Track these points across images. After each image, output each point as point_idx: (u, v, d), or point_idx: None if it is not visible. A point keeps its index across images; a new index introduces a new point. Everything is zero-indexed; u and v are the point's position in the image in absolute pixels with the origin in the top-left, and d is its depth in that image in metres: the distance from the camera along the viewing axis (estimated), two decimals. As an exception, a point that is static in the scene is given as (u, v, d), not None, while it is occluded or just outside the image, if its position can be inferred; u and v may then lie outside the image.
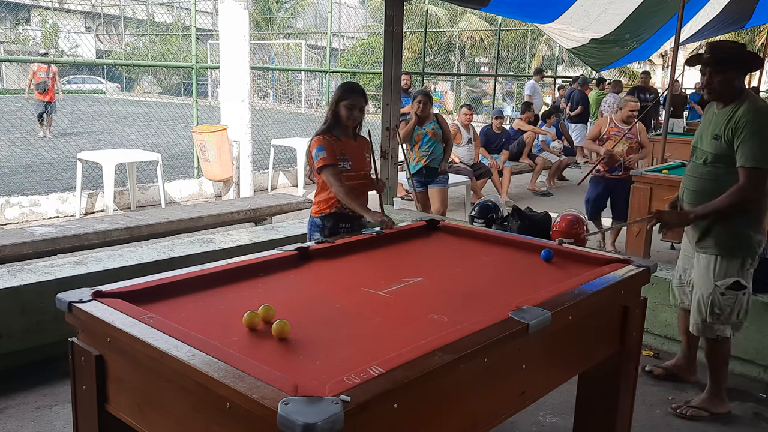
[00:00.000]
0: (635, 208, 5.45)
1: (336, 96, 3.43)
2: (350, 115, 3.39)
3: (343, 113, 3.39)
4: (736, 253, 3.01)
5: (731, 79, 2.97)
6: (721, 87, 2.98)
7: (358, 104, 3.39)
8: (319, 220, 3.48)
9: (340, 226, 3.44)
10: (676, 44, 6.61)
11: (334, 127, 3.45)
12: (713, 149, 3.00)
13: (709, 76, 2.98)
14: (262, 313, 1.95)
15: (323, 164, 3.34)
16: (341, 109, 3.40)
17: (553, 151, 10.01)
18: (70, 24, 24.75)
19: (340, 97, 3.40)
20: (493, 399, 1.94)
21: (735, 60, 2.98)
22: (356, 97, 3.39)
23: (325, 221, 3.46)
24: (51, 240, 4.62)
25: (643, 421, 3.10)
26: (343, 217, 3.44)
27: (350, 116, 3.39)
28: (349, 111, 3.38)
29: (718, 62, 2.95)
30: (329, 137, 3.42)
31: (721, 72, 2.95)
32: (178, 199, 8.47)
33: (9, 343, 3.37)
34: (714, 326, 3.09)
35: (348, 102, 3.38)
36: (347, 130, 3.47)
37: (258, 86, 19.19)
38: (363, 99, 3.42)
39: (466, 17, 24.43)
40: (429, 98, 5.95)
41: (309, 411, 1.35)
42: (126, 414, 1.89)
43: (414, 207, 5.98)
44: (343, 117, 3.40)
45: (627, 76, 22.35)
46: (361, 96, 3.41)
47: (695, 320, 3.15)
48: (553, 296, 2.17)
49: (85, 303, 1.98)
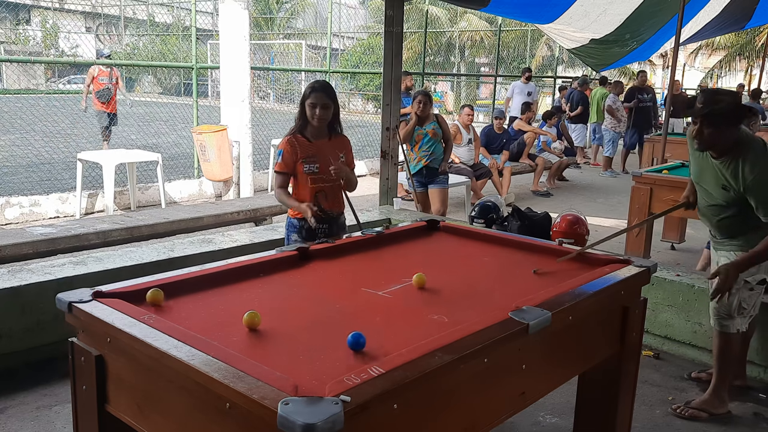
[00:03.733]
0: (635, 208, 5.45)
1: (302, 95, 3.39)
2: (313, 113, 3.33)
3: (307, 112, 3.35)
4: None
5: (722, 133, 2.89)
6: (711, 139, 2.91)
7: (320, 101, 3.30)
8: (296, 221, 3.46)
9: (318, 228, 3.36)
10: (677, 44, 6.61)
11: (305, 128, 3.41)
12: (724, 199, 3.02)
13: (699, 127, 2.91)
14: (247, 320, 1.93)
15: (276, 170, 3.43)
16: (306, 108, 3.35)
17: (553, 152, 10.01)
18: (70, 24, 24.73)
19: (304, 95, 3.36)
20: (493, 399, 1.94)
21: (727, 116, 2.88)
22: (316, 95, 3.31)
23: (302, 222, 3.40)
24: (51, 240, 4.62)
25: (643, 421, 3.11)
26: (319, 219, 3.31)
27: (313, 114, 3.33)
28: (312, 109, 3.33)
29: (709, 116, 2.87)
30: (296, 139, 3.38)
31: (712, 125, 2.87)
32: (178, 199, 8.47)
33: (9, 343, 3.37)
34: (735, 320, 3.11)
35: (310, 100, 3.32)
36: (318, 129, 3.41)
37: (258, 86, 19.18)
38: (325, 96, 3.32)
39: (466, 17, 24.43)
40: (429, 98, 5.95)
41: (309, 411, 1.35)
42: (126, 414, 1.89)
43: (414, 207, 5.98)
44: (308, 116, 3.36)
45: (627, 76, 22.36)
46: (322, 93, 3.32)
47: (716, 314, 3.16)
48: (553, 296, 2.17)
49: (85, 303, 1.98)
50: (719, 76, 24.66)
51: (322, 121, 3.37)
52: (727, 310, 3.11)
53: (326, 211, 3.40)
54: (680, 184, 5.15)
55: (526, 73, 11.84)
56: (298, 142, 3.37)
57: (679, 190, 5.08)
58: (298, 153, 3.35)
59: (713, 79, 24.21)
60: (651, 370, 3.70)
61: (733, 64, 23.92)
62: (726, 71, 24.57)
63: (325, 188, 3.42)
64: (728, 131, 2.89)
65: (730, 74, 24.44)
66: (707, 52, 25.30)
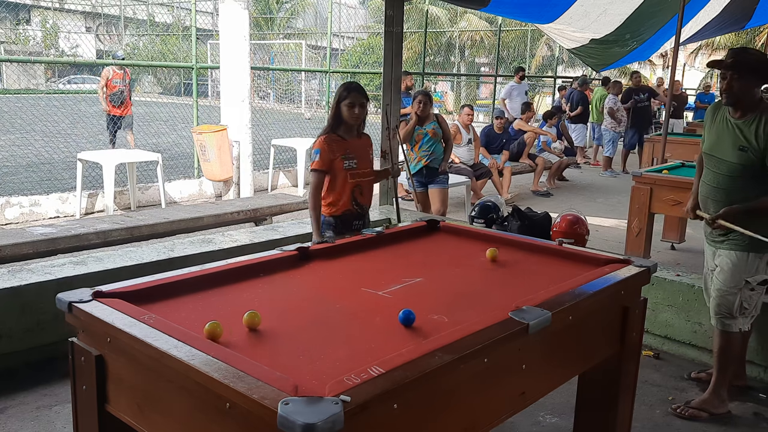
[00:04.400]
0: (635, 208, 5.46)
1: (336, 96, 3.50)
2: (351, 112, 3.45)
3: (345, 112, 3.46)
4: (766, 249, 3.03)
5: (750, 87, 2.98)
6: (740, 92, 2.99)
7: (358, 101, 3.44)
8: (332, 219, 3.58)
9: (354, 224, 3.57)
10: (676, 44, 6.61)
11: (338, 128, 3.51)
12: (740, 160, 3.02)
13: (729, 80, 2.99)
14: (247, 320, 1.93)
15: (313, 168, 3.48)
16: (342, 108, 3.46)
17: (553, 152, 10.02)
18: (70, 24, 24.74)
19: (341, 97, 3.47)
20: (493, 399, 1.94)
21: (757, 68, 2.99)
22: (355, 95, 3.44)
23: (338, 220, 3.56)
24: (51, 240, 4.62)
25: (643, 421, 3.11)
26: (352, 216, 3.55)
27: (351, 114, 3.45)
28: (350, 109, 3.44)
29: (740, 67, 2.97)
30: (333, 138, 3.49)
31: (742, 78, 2.97)
32: (178, 199, 8.47)
33: (9, 343, 3.37)
34: (738, 320, 3.11)
35: (348, 100, 3.44)
36: (351, 128, 3.54)
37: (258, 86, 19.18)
38: (362, 96, 3.47)
39: (466, 17, 24.44)
40: (429, 98, 5.95)
41: (309, 411, 1.35)
42: (126, 414, 1.89)
43: (414, 207, 5.98)
44: (345, 116, 3.46)
45: (627, 76, 22.35)
46: (359, 93, 3.46)
47: (717, 313, 3.16)
48: (553, 296, 2.17)
49: (85, 303, 1.98)
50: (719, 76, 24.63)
51: (359, 120, 3.52)
52: (729, 310, 3.12)
53: (362, 206, 3.60)
54: (680, 184, 5.17)
55: (520, 72, 11.82)
56: (334, 140, 3.49)
57: (679, 190, 5.12)
58: (336, 151, 3.46)
59: (713, 78, 24.19)
60: (651, 370, 3.70)
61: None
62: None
63: (361, 183, 3.56)
64: (756, 85, 3.00)
65: (730, 74, 24.41)
66: (707, 52, 25.29)
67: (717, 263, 3.19)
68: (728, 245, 3.12)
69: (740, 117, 3.04)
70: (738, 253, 3.07)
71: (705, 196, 3.22)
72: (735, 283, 3.09)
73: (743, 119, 3.02)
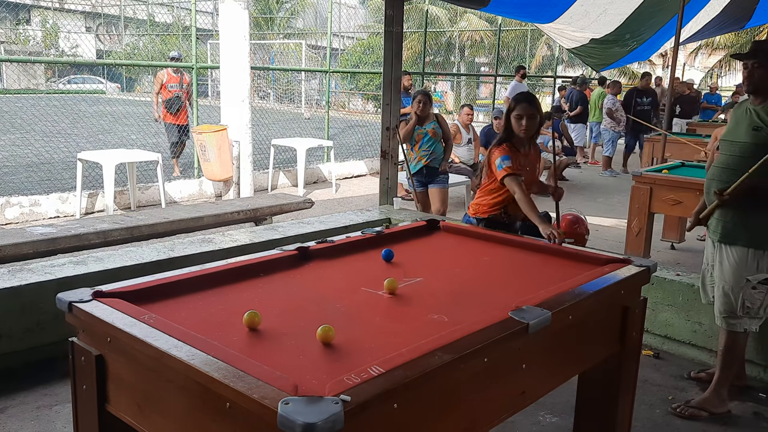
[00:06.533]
0: (635, 207, 5.46)
1: (507, 107, 3.49)
2: (519, 125, 3.43)
3: (514, 124, 3.44)
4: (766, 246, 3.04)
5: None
6: (759, 80, 3.08)
7: (526, 112, 3.41)
8: (474, 220, 3.59)
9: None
10: (676, 44, 6.62)
11: (511, 139, 3.50)
12: (753, 139, 3.07)
13: (750, 68, 3.09)
14: (247, 320, 1.93)
15: (508, 173, 3.39)
16: (512, 120, 3.44)
17: (550, 151, 10.01)
18: (70, 24, 24.74)
19: (510, 108, 3.46)
20: (493, 399, 1.94)
21: None
22: (524, 106, 3.42)
23: (480, 223, 3.56)
24: (51, 240, 4.61)
25: (643, 421, 3.11)
26: (497, 224, 3.52)
27: (520, 126, 3.43)
28: (518, 121, 3.42)
29: (761, 56, 3.07)
30: (512, 147, 3.47)
31: (762, 66, 3.06)
32: (178, 199, 8.47)
33: (9, 343, 3.37)
34: (743, 320, 3.11)
35: (516, 112, 3.42)
36: (522, 141, 3.50)
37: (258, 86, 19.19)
38: (531, 107, 3.42)
39: (466, 17, 24.45)
40: (429, 98, 5.96)
41: (309, 411, 1.35)
42: (126, 414, 1.89)
43: (414, 207, 5.99)
44: (514, 128, 3.45)
45: (627, 76, 22.37)
46: (527, 104, 3.42)
47: (721, 312, 3.16)
48: (553, 296, 2.17)
49: (85, 303, 1.98)
50: (719, 76, 24.66)
51: (528, 133, 3.47)
52: (732, 309, 3.11)
53: (510, 216, 3.63)
54: (680, 183, 5.18)
55: (521, 71, 11.78)
56: (514, 149, 3.47)
57: (679, 189, 5.12)
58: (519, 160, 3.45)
59: (713, 78, 24.21)
60: (651, 369, 3.70)
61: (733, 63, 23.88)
62: (726, 71, 24.58)
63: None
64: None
65: (730, 74, 24.46)
66: (707, 52, 25.30)
67: (717, 259, 3.19)
68: (730, 241, 3.12)
69: (760, 103, 3.12)
70: (738, 249, 3.07)
71: (710, 178, 3.24)
72: (736, 282, 3.09)
73: (762, 105, 3.10)
